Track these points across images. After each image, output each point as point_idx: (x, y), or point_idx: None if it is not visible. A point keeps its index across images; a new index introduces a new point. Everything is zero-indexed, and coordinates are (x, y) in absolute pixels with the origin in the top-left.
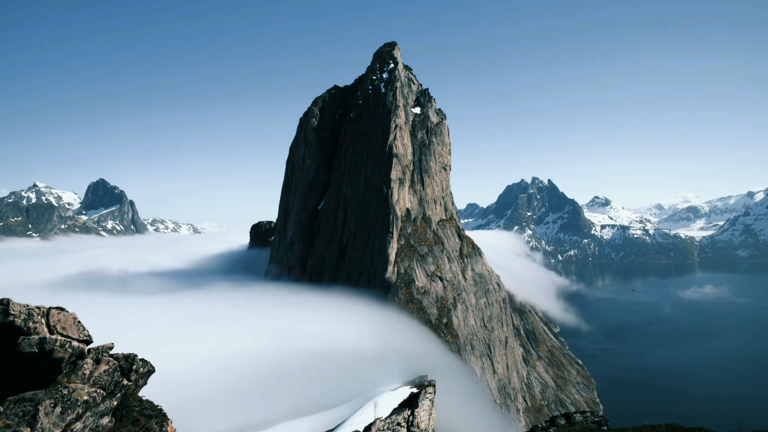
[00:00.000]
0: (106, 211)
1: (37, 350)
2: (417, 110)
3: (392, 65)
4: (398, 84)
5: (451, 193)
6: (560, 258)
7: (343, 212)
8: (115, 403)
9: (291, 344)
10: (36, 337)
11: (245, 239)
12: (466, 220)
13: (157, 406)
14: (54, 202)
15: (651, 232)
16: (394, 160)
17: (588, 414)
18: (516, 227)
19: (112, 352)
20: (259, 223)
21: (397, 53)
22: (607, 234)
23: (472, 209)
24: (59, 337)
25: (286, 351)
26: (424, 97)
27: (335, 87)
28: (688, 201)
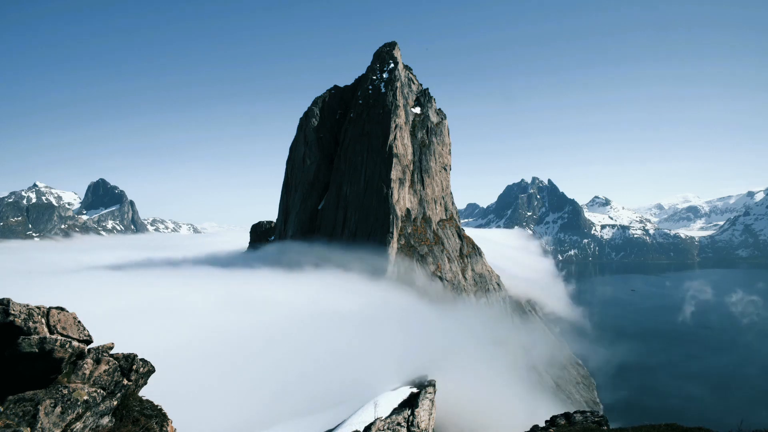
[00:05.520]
0: (106, 211)
1: (37, 350)
2: (417, 110)
3: (392, 65)
4: (398, 84)
5: (451, 193)
6: (560, 258)
7: (344, 212)
8: (115, 403)
9: (290, 343)
10: (36, 337)
11: (245, 239)
12: (466, 220)
13: (157, 406)
14: (54, 202)
15: (651, 232)
16: (394, 160)
17: (588, 414)
18: (516, 227)
19: (112, 351)
20: (259, 223)
21: (397, 53)
22: (607, 234)
23: (472, 209)
24: (59, 337)
25: (286, 349)
26: (424, 97)
27: (335, 87)
28: (688, 201)
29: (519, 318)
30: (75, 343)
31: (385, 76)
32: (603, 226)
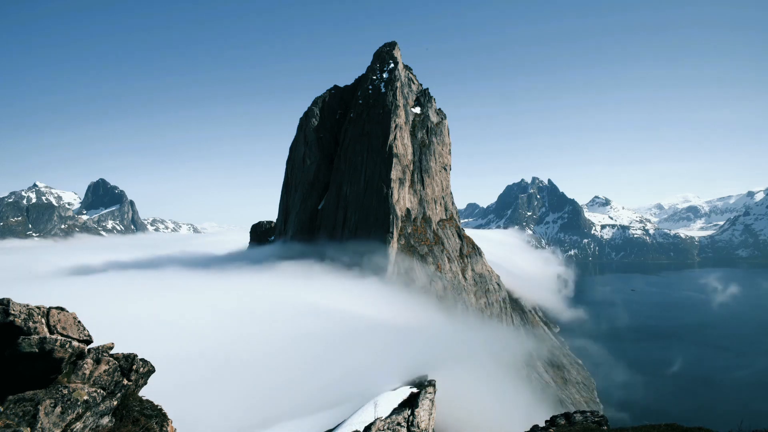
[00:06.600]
0: (106, 210)
1: (37, 350)
2: (417, 110)
3: (392, 65)
4: (398, 84)
5: (451, 193)
6: (560, 258)
7: (344, 212)
8: (115, 403)
9: (290, 343)
10: (36, 337)
11: (245, 239)
12: (466, 220)
13: (157, 405)
14: (54, 202)
15: (651, 231)
16: (394, 160)
17: (588, 414)
18: (516, 227)
19: (112, 352)
20: (259, 222)
21: (397, 53)
22: (607, 234)
23: (472, 209)
24: (59, 337)
25: (286, 349)
26: (424, 97)
27: (335, 87)
28: (688, 201)
29: (519, 318)
30: (75, 343)
31: (385, 76)
32: (603, 226)
